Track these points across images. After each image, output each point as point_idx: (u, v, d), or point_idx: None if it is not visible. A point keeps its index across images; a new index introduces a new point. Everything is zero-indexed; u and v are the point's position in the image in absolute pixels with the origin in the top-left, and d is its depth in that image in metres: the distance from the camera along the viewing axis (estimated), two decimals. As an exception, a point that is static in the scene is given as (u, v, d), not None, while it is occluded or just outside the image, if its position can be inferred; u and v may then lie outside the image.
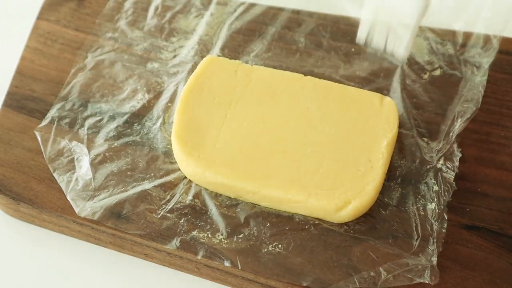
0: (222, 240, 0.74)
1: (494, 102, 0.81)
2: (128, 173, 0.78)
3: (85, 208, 0.76)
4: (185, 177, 0.78)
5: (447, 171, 0.77)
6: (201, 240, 0.74)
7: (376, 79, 0.83)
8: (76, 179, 0.77)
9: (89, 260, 0.77)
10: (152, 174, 0.78)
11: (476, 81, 0.81)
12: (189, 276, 0.76)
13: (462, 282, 0.72)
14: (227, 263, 0.73)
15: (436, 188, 0.76)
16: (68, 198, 0.76)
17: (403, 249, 0.73)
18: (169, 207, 0.76)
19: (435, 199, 0.75)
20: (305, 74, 0.81)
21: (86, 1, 0.89)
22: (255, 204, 0.76)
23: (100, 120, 0.81)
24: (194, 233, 0.75)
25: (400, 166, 0.78)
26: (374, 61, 0.84)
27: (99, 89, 0.83)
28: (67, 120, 0.81)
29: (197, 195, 0.77)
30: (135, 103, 0.82)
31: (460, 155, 0.77)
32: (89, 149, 0.79)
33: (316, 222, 0.75)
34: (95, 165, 0.78)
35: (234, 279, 0.74)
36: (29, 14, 0.89)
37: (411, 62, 0.84)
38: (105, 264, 0.77)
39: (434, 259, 0.72)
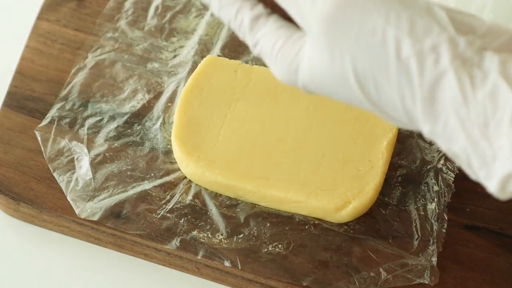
0: (222, 240, 0.74)
1: (494, 102, 0.81)
2: (128, 173, 0.78)
3: (85, 209, 0.76)
4: (185, 177, 0.77)
5: (447, 171, 0.77)
6: (201, 240, 0.74)
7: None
8: (76, 179, 0.77)
9: (89, 260, 0.77)
10: (152, 174, 0.78)
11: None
12: (189, 276, 0.76)
13: (462, 282, 0.72)
14: (227, 263, 0.73)
15: (436, 188, 0.76)
16: (68, 198, 0.76)
17: (403, 249, 0.73)
18: (169, 207, 0.76)
19: (435, 199, 0.75)
20: (305, 74, 0.80)
21: (86, 1, 0.89)
22: (255, 204, 0.76)
23: (100, 120, 0.81)
24: (194, 233, 0.75)
25: (400, 166, 0.77)
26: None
27: (99, 89, 0.83)
28: (67, 120, 0.81)
29: (197, 195, 0.77)
30: (135, 103, 0.82)
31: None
32: (89, 149, 0.79)
33: (316, 222, 0.75)
34: (95, 165, 0.78)
35: (234, 279, 0.74)
36: (29, 14, 0.89)
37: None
38: (105, 264, 0.77)
39: (434, 259, 0.72)
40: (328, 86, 0.53)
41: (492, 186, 0.49)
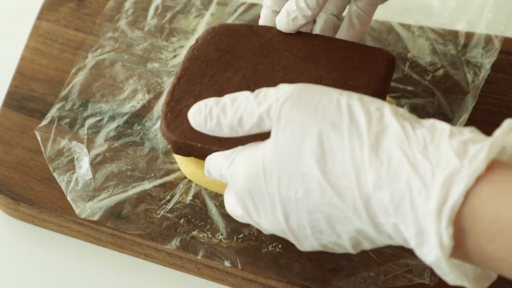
0: (222, 240, 0.74)
1: (494, 102, 0.81)
2: (128, 173, 0.78)
3: (85, 209, 0.76)
4: (185, 177, 0.77)
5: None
6: (201, 240, 0.74)
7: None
8: (76, 179, 0.77)
9: (89, 260, 0.77)
10: (152, 174, 0.78)
11: (477, 82, 0.81)
12: (189, 276, 0.76)
13: (462, 282, 0.72)
14: (227, 263, 0.73)
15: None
16: (68, 198, 0.76)
17: (403, 249, 0.73)
18: (169, 207, 0.76)
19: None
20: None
21: (86, 1, 0.89)
22: (255, 204, 0.76)
23: (100, 120, 0.81)
24: (194, 233, 0.75)
25: (400, 166, 0.77)
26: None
27: (99, 89, 0.83)
28: (67, 120, 0.81)
29: (197, 195, 0.77)
30: (135, 103, 0.82)
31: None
32: (89, 149, 0.79)
33: (316, 222, 0.75)
34: (95, 165, 0.78)
35: (234, 279, 0.74)
36: (29, 14, 0.89)
37: (413, 64, 0.84)
38: (105, 264, 0.77)
39: (434, 259, 0.72)
40: (287, 164, 0.59)
41: (433, 205, 0.53)
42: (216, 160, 0.66)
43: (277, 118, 0.59)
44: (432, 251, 0.54)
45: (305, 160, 0.58)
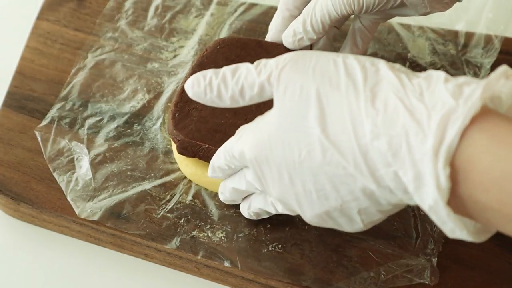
0: (222, 240, 0.74)
1: (494, 102, 0.81)
2: (128, 173, 0.78)
3: (85, 209, 0.76)
4: (185, 177, 0.78)
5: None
6: (201, 240, 0.74)
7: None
8: (76, 179, 0.77)
9: (89, 260, 0.77)
10: (152, 174, 0.78)
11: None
12: (189, 276, 0.76)
13: (462, 282, 0.72)
14: (227, 263, 0.73)
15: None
16: (68, 198, 0.76)
17: (403, 249, 0.73)
18: (169, 207, 0.76)
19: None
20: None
21: (86, 1, 0.89)
22: (255, 204, 0.76)
23: (100, 120, 0.81)
24: (194, 233, 0.75)
25: (400, 166, 0.77)
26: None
27: (99, 89, 0.83)
28: (67, 120, 0.81)
29: (197, 195, 0.77)
30: (135, 103, 0.82)
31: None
32: (89, 149, 0.79)
33: (316, 222, 0.75)
34: (95, 165, 0.78)
35: (234, 279, 0.74)
36: (29, 14, 0.90)
37: (413, 64, 0.84)
38: (105, 264, 0.77)
39: (434, 259, 0.72)
40: (290, 128, 0.60)
41: (429, 145, 0.54)
42: (227, 142, 0.67)
43: (277, 83, 0.60)
44: (429, 194, 0.54)
45: (306, 120, 0.59)
